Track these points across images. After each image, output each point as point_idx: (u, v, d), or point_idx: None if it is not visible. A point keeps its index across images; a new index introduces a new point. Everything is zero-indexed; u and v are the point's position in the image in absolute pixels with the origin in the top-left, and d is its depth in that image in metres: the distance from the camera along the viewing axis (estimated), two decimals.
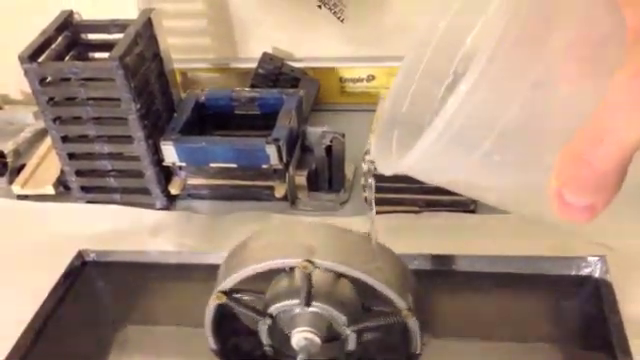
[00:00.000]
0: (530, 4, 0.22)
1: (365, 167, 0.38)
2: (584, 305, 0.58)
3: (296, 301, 0.48)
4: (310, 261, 0.45)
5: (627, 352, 0.52)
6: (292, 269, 0.49)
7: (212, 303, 0.50)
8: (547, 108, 0.24)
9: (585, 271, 0.59)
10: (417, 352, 0.50)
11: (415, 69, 0.35)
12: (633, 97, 0.19)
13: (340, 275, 0.48)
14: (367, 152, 0.37)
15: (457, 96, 0.23)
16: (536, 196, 0.25)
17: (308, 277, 0.46)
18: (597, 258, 0.58)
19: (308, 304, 0.47)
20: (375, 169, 0.36)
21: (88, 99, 0.68)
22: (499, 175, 0.27)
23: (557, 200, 0.22)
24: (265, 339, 0.52)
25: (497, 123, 0.23)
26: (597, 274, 0.58)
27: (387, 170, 0.31)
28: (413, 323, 0.47)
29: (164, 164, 0.72)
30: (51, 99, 0.69)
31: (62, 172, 0.76)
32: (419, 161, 0.26)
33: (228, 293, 0.49)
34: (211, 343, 0.53)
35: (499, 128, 0.23)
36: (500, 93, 0.23)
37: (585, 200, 0.22)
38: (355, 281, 0.48)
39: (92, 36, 0.74)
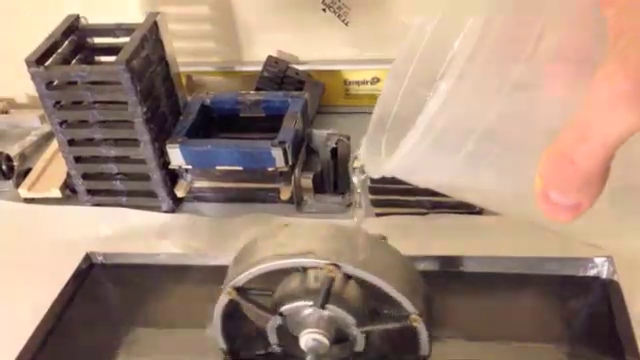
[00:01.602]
0: (509, 6, 0.22)
1: (354, 170, 0.38)
2: (592, 306, 0.58)
3: (310, 302, 0.48)
4: (336, 265, 0.45)
5: (635, 353, 0.51)
6: (305, 269, 0.49)
7: (223, 298, 0.49)
8: (530, 109, 0.24)
9: (592, 272, 0.59)
10: (426, 354, 0.50)
11: (404, 73, 0.35)
12: (614, 94, 0.19)
13: (349, 277, 0.48)
14: (356, 157, 0.37)
15: (438, 96, 0.23)
16: (521, 197, 0.25)
17: (330, 280, 0.46)
18: (604, 259, 0.58)
19: (323, 306, 0.47)
20: (363, 173, 0.37)
21: (94, 103, 0.69)
22: (484, 176, 0.27)
23: (542, 199, 0.22)
24: (273, 339, 0.52)
25: (479, 124, 0.23)
26: (604, 274, 0.58)
27: (374, 173, 0.31)
28: (421, 328, 0.47)
29: (170, 167, 0.73)
30: (57, 103, 0.69)
31: (68, 175, 0.76)
32: (404, 162, 0.26)
33: (239, 289, 0.49)
34: (219, 340, 0.53)
35: (481, 129, 0.23)
36: (480, 94, 0.23)
37: (570, 199, 0.22)
38: (363, 283, 0.48)
39: (98, 40, 0.75)
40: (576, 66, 0.23)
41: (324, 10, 0.83)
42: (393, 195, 0.68)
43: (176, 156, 0.71)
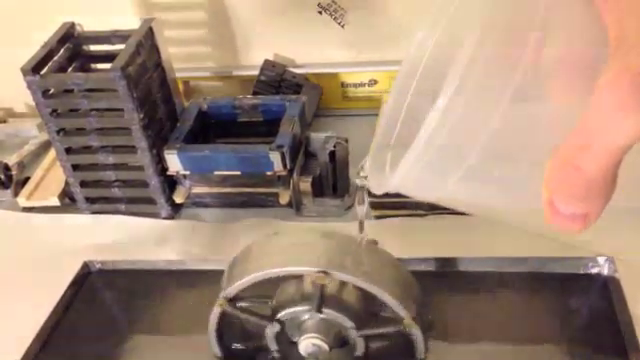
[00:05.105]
0: (506, 18, 0.22)
1: (358, 182, 0.38)
2: (593, 304, 0.58)
3: (306, 307, 0.47)
4: (325, 272, 0.45)
5: (637, 350, 0.51)
6: (301, 275, 0.49)
7: (215, 310, 0.49)
8: (532, 121, 0.24)
9: (594, 270, 0.59)
10: (422, 357, 0.50)
11: (407, 88, 0.35)
12: (617, 100, 0.19)
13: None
14: (362, 168, 0.37)
15: (436, 111, 0.22)
16: (528, 209, 0.25)
17: (322, 287, 0.46)
18: (605, 258, 0.58)
19: (320, 310, 0.47)
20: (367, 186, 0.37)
21: (91, 110, 0.69)
22: (488, 190, 0.26)
23: (550, 210, 0.22)
24: (272, 345, 0.51)
25: (480, 137, 0.23)
26: (605, 272, 0.58)
27: (378, 189, 0.31)
28: (416, 331, 0.47)
29: (168, 173, 0.72)
30: (54, 111, 0.69)
31: (67, 183, 0.76)
32: (406, 178, 0.26)
33: (231, 300, 0.49)
34: (215, 350, 0.53)
35: (483, 142, 0.23)
36: (479, 107, 0.23)
37: (577, 208, 0.21)
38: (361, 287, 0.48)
39: (94, 47, 0.74)
40: (578, 74, 0.22)
41: (320, 13, 0.83)
42: (392, 197, 0.68)
43: (174, 162, 0.71)
